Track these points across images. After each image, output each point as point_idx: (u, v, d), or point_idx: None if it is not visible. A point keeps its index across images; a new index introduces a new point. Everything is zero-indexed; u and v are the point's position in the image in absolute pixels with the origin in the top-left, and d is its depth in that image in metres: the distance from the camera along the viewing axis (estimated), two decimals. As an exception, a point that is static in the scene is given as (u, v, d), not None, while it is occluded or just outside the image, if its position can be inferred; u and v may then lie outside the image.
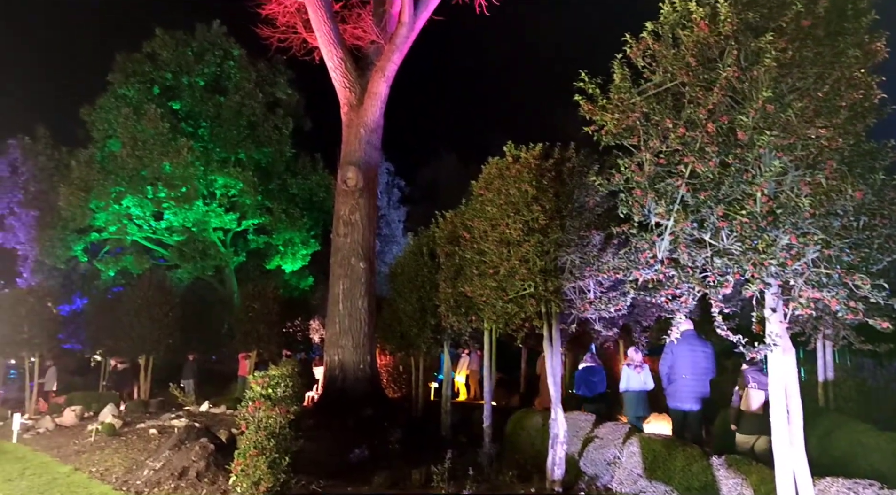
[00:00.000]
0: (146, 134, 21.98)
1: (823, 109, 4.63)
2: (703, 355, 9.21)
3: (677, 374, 9.24)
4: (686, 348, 9.18)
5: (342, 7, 18.74)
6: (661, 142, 5.35)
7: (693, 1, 5.01)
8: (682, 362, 9.18)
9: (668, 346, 9.18)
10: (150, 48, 24.95)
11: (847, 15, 4.86)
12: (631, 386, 10.64)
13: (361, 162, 17.14)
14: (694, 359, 9.16)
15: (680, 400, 9.23)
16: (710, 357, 9.28)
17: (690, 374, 9.13)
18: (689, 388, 9.14)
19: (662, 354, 9.51)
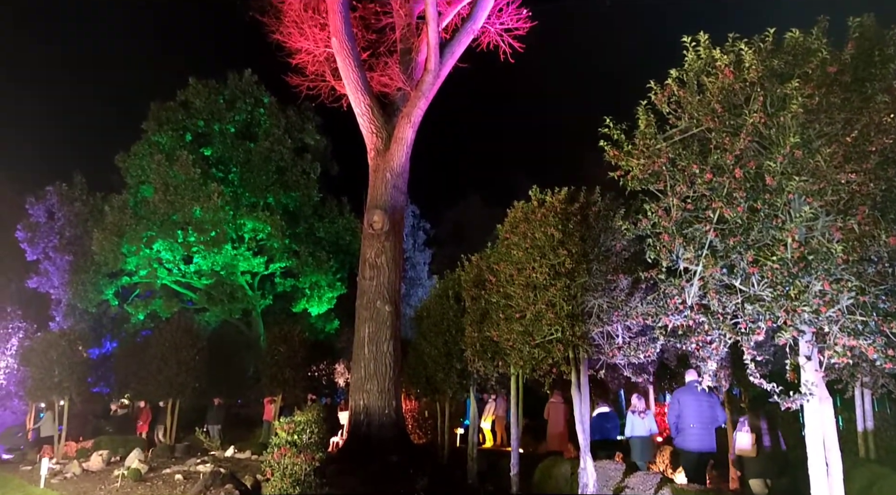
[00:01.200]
0: (178, 179, 22.49)
1: (853, 155, 4.60)
2: (707, 405, 9.38)
3: (685, 424, 9.34)
4: (691, 398, 9.33)
5: (370, 56, 19.19)
6: (688, 188, 5.33)
7: (717, 49, 5.06)
8: (688, 412, 9.34)
9: (675, 397, 9.38)
10: (184, 97, 25.70)
11: (874, 61, 4.86)
12: (636, 432, 10.73)
13: (387, 205, 17.31)
14: (699, 408, 9.30)
15: (689, 449, 9.36)
16: (715, 406, 9.45)
17: (697, 423, 9.25)
18: (697, 437, 9.33)
19: (669, 405, 9.55)
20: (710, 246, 5.11)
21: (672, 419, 9.61)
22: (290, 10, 18.76)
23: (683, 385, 9.79)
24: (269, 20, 19.04)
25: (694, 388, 9.40)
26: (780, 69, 5.00)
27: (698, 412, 9.31)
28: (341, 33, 16.97)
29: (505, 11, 18.78)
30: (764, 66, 4.87)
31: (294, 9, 18.74)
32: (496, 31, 18.90)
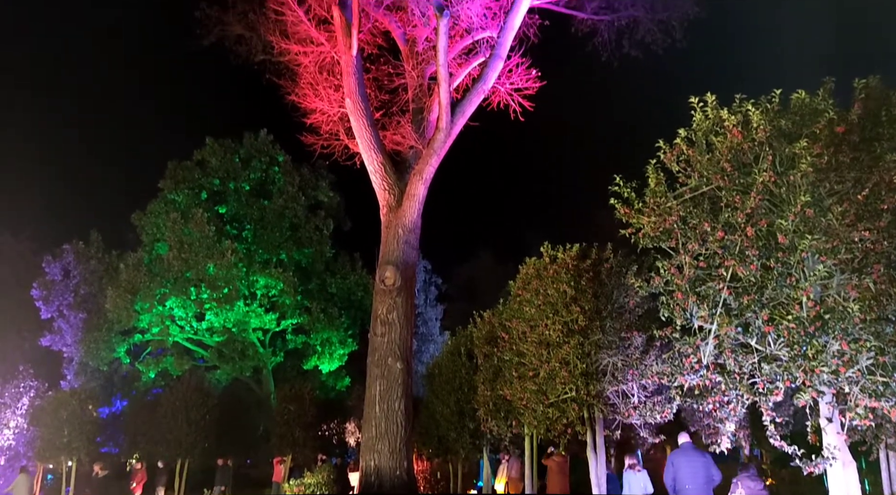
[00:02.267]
0: (192, 237, 22.74)
1: (865, 213, 4.60)
2: (701, 466, 9.17)
3: (681, 485, 9.13)
4: (684, 460, 9.20)
5: (383, 115, 19.56)
6: (700, 245, 5.33)
7: (724, 109, 5.13)
8: (683, 474, 9.23)
9: (669, 459, 9.22)
10: (201, 156, 26.23)
11: (882, 121, 4.91)
12: (633, 490, 10.44)
13: (399, 261, 17.34)
14: (693, 470, 9.15)
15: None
16: (709, 466, 9.24)
17: (692, 485, 9.05)
18: (694, 498, 8.99)
19: (665, 467, 9.35)
20: (725, 304, 5.07)
21: (668, 481, 9.53)
22: (305, 73, 19.25)
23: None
24: (285, 82, 19.52)
25: (687, 450, 9.27)
26: (788, 129, 5.05)
27: (692, 473, 9.15)
28: (355, 94, 17.36)
29: (515, 72, 19.16)
30: (772, 126, 4.92)
31: (309, 71, 19.24)
32: (506, 90, 19.26)
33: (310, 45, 17.47)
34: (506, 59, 15.92)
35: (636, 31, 16.20)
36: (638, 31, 16.16)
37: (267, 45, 17.35)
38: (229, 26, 17.02)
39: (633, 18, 16.25)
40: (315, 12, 16.61)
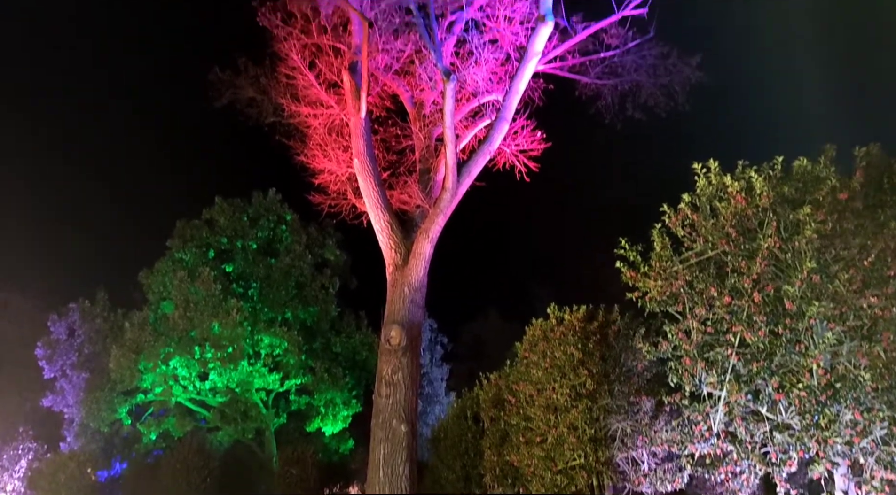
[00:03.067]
0: (198, 296, 22.76)
1: (872, 280, 4.60)
2: None
3: None
4: None
5: (390, 175, 19.80)
6: (707, 310, 5.31)
7: (727, 175, 5.21)
8: None
9: None
10: (209, 215, 26.50)
11: (884, 188, 4.96)
12: None
13: (405, 320, 17.24)
14: None
15: None
16: None
17: None
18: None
19: None
20: (734, 370, 5.01)
21: None
22: (314, 134, 19.61)
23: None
24: (295, 143, 19.87)
25: None
26: (791, 195, 5.10)
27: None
28: (363, 155, 17.61)
29: (520, 134, 19.47)
30: (775, 192, 4.98)
31: (319, 132, 19.60)
32: (512, 151, 19.54)
33: (320, 108, 17.84)
34: (511, 122, 16.21)
35: (639, 95, 16.50)
36: (641, 95, 16.45)
37: (278, 107, 17.72)
38: (241, 89, 17.43)
39: (635, 83, 16.55)
40: (325, 76, 17.04)
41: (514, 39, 16.87)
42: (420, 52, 17.09)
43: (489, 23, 17.12)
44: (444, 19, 16.85)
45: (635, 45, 15.65)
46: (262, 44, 16.62)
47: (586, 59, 16.44)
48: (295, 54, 16.31)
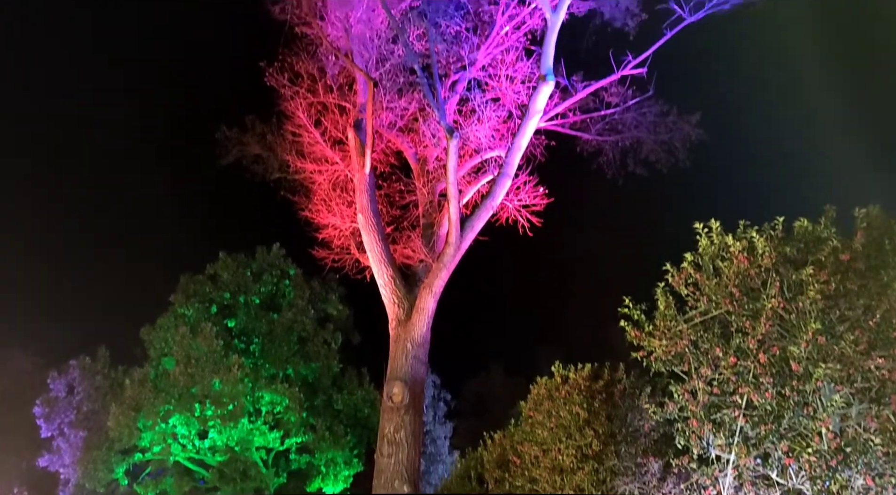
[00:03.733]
0: (200, 352, 22.61)
1: (878, 341, 4.56)
2: None
3: None
4: None
5: (393, 230, 19.90)
6: (713, 371, 5.26)
7: (729, 235, 5.23)
8: None
9: None
10: (213, 270, 26.57)
11: (886, 249, 4.97)
12: None
13: (408, 377, 17.04)
14: None
15: None
16: None
17: None
18: None
19: None
20: (742, 433, 4.92)
21: None
22: (319, 189, 19.83)
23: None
24: (299, 198, 20.06)
25: None
26: (793, 256, 5.11)
27: None
28: (367, 210, 17.76)
29: (523, 189, 19.65)
30: (777, 252, 4.99)
31: (323, 188, 19.83)
32: (514, 206, 19.68)
33: (325, 164, 18.08)
34: (514, 177, 16.38)
35: (640, 151, 16.67)
36: (642, 151, 16.63)
37: (283, 163, 17.96)
38: (248, 147, 17.71)
39: (636, 139, 16.76)
40: (331, 133, 17.33)
41: (515, 98, 17.20)
42: (424, 109, 17.42)
43: (491, 82, 17.50)
44: (448, 79, 17.22)
45: (635, 103, 15.93)
46: (269, 102, 16.99)
47: (587, 117, 16.72)
48: (301, 112, 16.63)
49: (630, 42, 15.65)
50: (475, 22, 17.35)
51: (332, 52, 15.98)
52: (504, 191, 18.60)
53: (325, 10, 15.68)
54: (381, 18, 15.56)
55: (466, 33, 16.87)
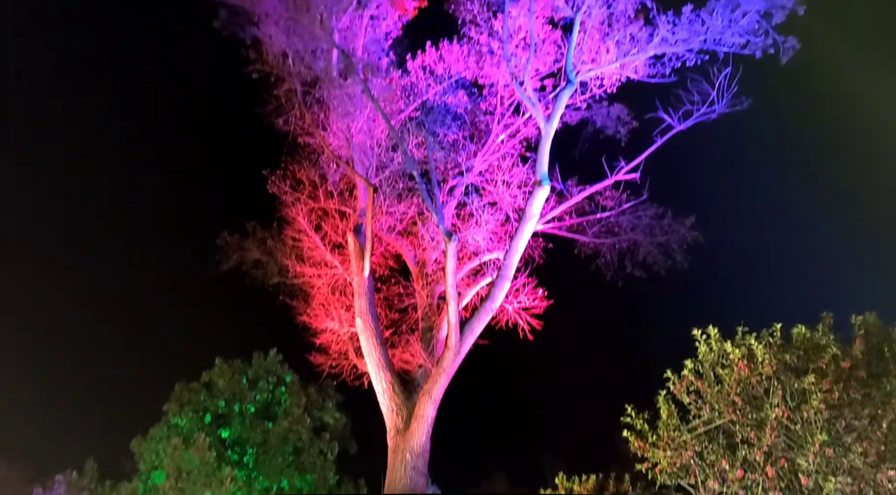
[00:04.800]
0: (192, 464, 21.80)
1: (887, 453, 4.40)
2: None
3: None
4: None
5: (392, 334, 19.72)
6: (721, 484, 5.05)
7: (728, 341, 5.18)
8: None
9: None
10: (209, 377, 26.08)
11: (886, 357, 4.91)
12: None
13: (407, 489, 16.39)
14: None
15: None
16: None
17: None
18: None
19: None
20: (755, 552, 4.66)
21: None
22: (318, 294, 19.82)
23: None
24: (298, 303, 20.01)
25: None
26: (794, 363, 5.03)
27: None
28: (366, 314, 17.67)
29: (522, 291, 19.64)
30: (777, 359, 4.92)
31: (322, 292, 19.82)
32: (514, 309, 19.60)
33: (324, 268, 18.18)
34: (512, 280, 16.43)
35: (637, 253, 16.78)
36: (639, 253, 16.75)
37: (283, 268, 18.03)
38: (248, 252, 17.84)
39: (633, 241, 16.91)
40: (330, 238, 17.54)
41: (512, 201, 17.54)
42: (422, 213, 17.72)
43: (488, 186, 17.90)
44: (446, 184, 17.64)
45: (630, 207, 16.22)
46: (271, 208, 17.30)
47: (584, 220, 16.97)
48: (302, 218, 16.89)
49: (623, 147, 16.16)
50: (472, 130, 17.98)
51: (333, 161, 16.43)
52: (503, 294, 18.60)
53: (328, 120, 16.29)
54: (381, 128, 16.11)
55: (463, 141, 17.44)
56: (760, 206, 21.68)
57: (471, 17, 15.86)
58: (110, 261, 27.34)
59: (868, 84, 17.74)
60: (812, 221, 19.51)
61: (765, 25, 12.26)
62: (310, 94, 15.71)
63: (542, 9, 15.34)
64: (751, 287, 24.16)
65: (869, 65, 17.65)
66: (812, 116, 18.99)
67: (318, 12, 13.75)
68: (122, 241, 27.49)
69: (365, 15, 15.42)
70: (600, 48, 14.65)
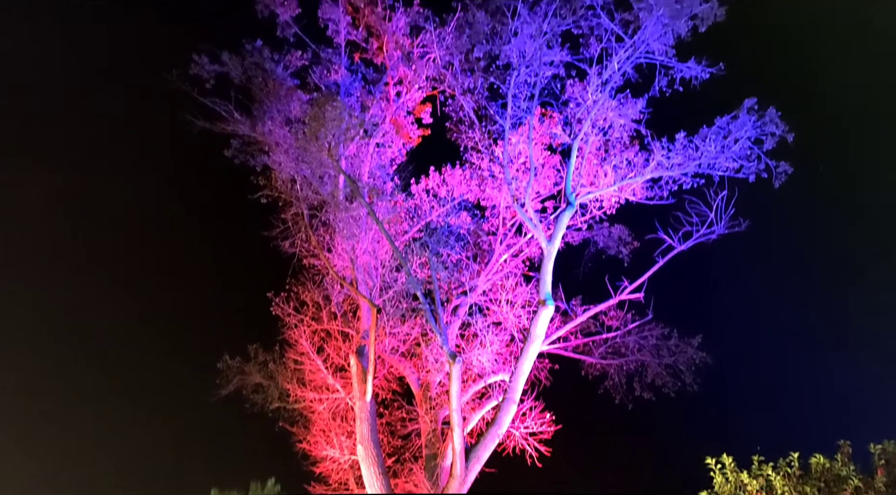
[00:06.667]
0: None
1: None
2: None
3: None
4: None
5: (394, 462, 18.97)
6: None
7: (744, 471, 4.90)
8: None
9: None
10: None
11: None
12: None
13: None
14: None
15: None
16: None
17: None
18: None
19: None
20: None
21: None
22: (318, 420, 19.26)
23: None
24: (297, 429, 19.41)
25: None
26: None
27: None
28: (368, 440, 17.07)
29: (529, 415, 19.04)
30: (797, 492, 4.63)
31: (323, 418, 19.26)
32: (521, 435, 18.92)
33: (325, 393, 17.80)
34: (519, 403, 15.97)
35: (645, 374, 16.44)
36: (647, 374, 16.40)
37: (283, 392, 17.68)
38: (249, 375, 17.56)
39: (640, 362, 16.61)
40: (333, 360, 17.29)
41: (517, 321, 17.40)
42: (426, 334, 17.56)
43: (492, 306, 17.83)
44: (449, 304, 17.59)
45: (635, 327, 16.05)
46: (273, 331, 17.19)
47: (589, 340, 16.75)
48: (305, 340, 16.73)
49: (626, 267, 16.24)
50: (475, 250, 18.18)
51: (337, 281, 16.51)
52: (510, 418, 18.03)
53: (333, 242, 16.53)
54: (386, 249, 16.32)
55: (467, 261, 17.58)
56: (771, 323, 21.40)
57: (472, 144, 16.48)
58: (102, 385, 26.74)
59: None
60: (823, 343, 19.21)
61: (757, 151, 12.67)
62: (316, 217, 16.05)
63: (540, 136, 15.97)
64: (763, 410, 23.33)
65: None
66: (833, 229, 19.12)
67: (325, 141, 14.30)
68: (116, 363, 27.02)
69: (371, 143, 16.04)
70: (598, 172, 15.08)
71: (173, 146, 18.85)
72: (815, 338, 18.68)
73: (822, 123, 17.08)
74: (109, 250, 24.06)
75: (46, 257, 23.06)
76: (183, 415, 28.40)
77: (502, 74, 13.77)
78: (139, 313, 24.90)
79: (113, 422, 30.29)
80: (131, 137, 20.72)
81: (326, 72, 15.81)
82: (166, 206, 22.18)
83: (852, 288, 19.41)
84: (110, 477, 33.72)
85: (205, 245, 22.41)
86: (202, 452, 32.91)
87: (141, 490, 33.98)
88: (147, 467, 34.53)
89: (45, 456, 26.68)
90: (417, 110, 16.75)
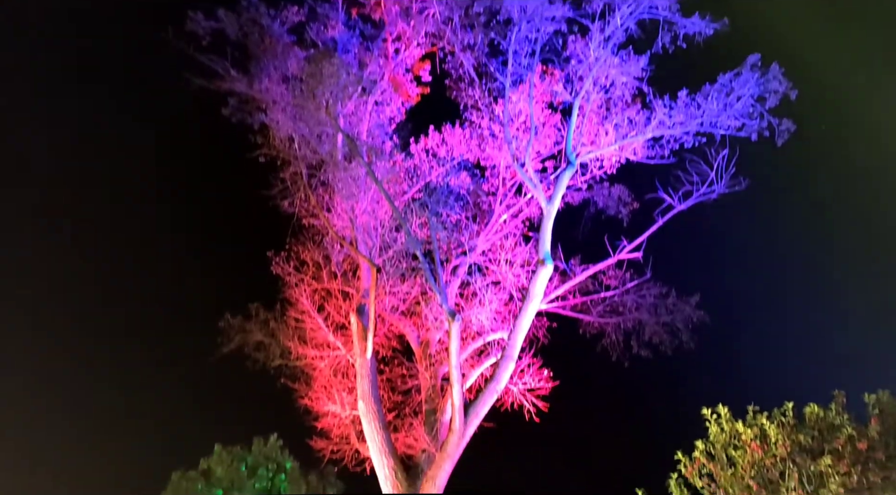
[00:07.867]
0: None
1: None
2: None
3: None
4: None
5: (395, 417, 19.28)
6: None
7: (739, 421, 5.02)
8: None
9: None
10: (207, 465, 25.34)
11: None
12: None
13: (410, 583, 15.61)
14: None
15: None
16: None
17: None
18: None
19: None
20: None
21: None
22: (320, 376, 19.50)
23: None
24: (299, 386, 19.68)
25: None
26: (808, 444, 4.87)
27: None
28: (368, 396, 17.32)
29: (527, 372, 19.30)
30: (791, 440, 4.76)
31: (324, 374, 19.50)
32: (519, 390, 19.21)
33: (326, 350, 17.98)
34: (517, 360, 16.18)
35: (643, 333, 16.56)
36: (644, 333, 16.52)
37: (285, 350, 17.85)
38: (251, 333, 17.71)
39: (638, 321, 16.73)
40: (333, 319, 17.43)
41: (516, 281, 17.49)
42: (426, 293, 17.66)
43: (491, 266, 17.90)
44: (449, 263, 17.66)
45: (634, 286, 16.14)
46: (274, 290, 17.27)
47: (588, 299, 16.86)
48: (305, 299, 16.84)
49: (625, 227, 16.25)
50: (474, 210, 18.17)
51: (337, 241, 16.54)
52: (508, 374, 18.27)
53: (332, 202, 16.50)
54: (385, 209, 16.30)
55: (466, 221, 17.58)
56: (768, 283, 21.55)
57: (472, 103, 16.32)
58: (108, 343, 26.95)
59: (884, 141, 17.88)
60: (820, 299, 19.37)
61: (759, 109, 12.58)
62: (315, 177, 15.98)
63: (541, 94, 15.81)
64: (759, 364, 23.67)
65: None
66: (828, 188, 19.13)
67: (323, 99, 14.15)
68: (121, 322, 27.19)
69: (369, 101, 15.87)
70: (599, 131, 14.98)
71: (172, 104, 18.69)
72: (813, 294, 18.85)
73: (822, 82, 16.94)
74: (110, 212, 24.06)
75: (52, 217, 23.10)
76: (186, 373, 28.73)
77: (503, 30, 13.57)
78: (140, 273, 25.00)
79: (114, 380, 30.60)
80: (130, 95, 20.56)
81: (323, 27, 15.55)
82: (166, 169, 22.11)
83: (860, 246, 19.49)
84: (112, 437, 34.23)
85: (206, 207, 22.40)
86: (205, 408, 33.32)
87: (145, 447, 34.56)
88: (150, 425, 35.00)
89: (53, 399, 26.98)
90: (416, 67, 16.53)
